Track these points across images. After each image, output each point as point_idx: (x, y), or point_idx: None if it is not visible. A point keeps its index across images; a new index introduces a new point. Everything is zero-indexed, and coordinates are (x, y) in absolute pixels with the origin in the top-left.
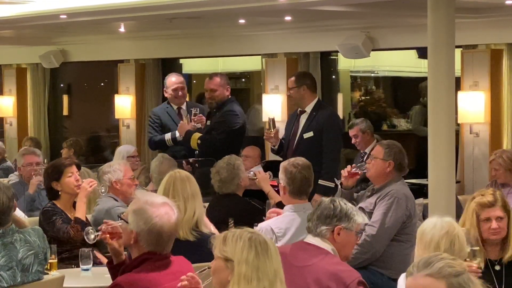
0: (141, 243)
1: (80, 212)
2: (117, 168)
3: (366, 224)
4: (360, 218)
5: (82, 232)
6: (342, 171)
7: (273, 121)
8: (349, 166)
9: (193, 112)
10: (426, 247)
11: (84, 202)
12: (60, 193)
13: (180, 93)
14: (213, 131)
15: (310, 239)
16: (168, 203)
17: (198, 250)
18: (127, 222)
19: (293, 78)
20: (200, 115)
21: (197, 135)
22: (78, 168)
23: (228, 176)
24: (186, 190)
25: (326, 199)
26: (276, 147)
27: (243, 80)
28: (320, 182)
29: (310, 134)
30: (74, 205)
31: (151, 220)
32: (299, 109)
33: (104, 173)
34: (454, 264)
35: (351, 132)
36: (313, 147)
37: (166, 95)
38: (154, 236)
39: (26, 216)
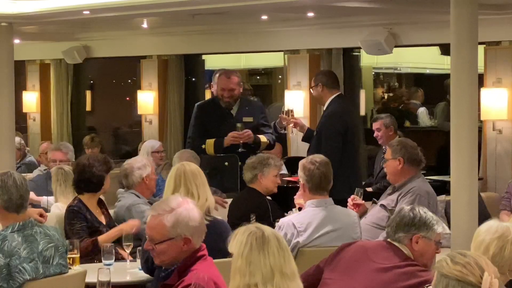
0: (191, 245)
1: (107, 238)
2: (146, 163)
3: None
4: (440, 228)
5: (90, 253)
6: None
7: (290, 112)
8: (349, 200)
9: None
10: (476, 248)
11: (116, 236)
12: (102, 187)
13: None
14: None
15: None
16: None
17: (211, 232)
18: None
19: (313, 78)
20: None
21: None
22: None
23: (260, 162)
24: (197, 179)
25: (406, 207)
26: (304, 133)
27: (265, 76)
28: None
29: (315, 133)
30: (98, 203)
31: (191, 216)
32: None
33: (134, 170)
34: (450, 266)
35: (375, 125)
36: (316, 145)
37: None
38: (198, 229)
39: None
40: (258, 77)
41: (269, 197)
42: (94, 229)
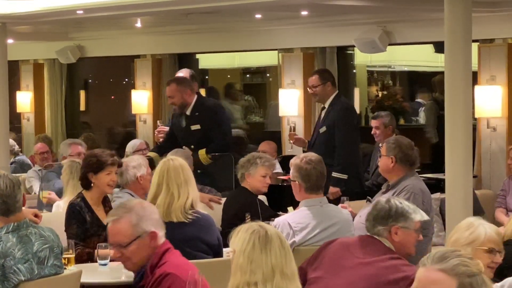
0: (157, 239)
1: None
2: (142, 163)
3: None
4: (418, 216)
5: (84, 257)
6: None
7: (293, 128)
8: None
9: None
10: (449, 244)
11: None
12: (92, 185)
13: None
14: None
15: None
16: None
17: (194, 224)
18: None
19: (316, 76)
20: None
21: (203, 151)
22: (119, 166)
23: (248, 160)
24: (179, 177)
25: (382, 199)
26: (306, 148)
27: (259, 75)
28: (333, 174)
29: (324, 128)
30: (103, 200)
31: (151, 209)
32: (322, 105)
33: (128, 168)
34: (470, 264)
35: (374, 123)
36: (326, 141)
37: None
38: (159, 221)
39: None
40: (252, 76)
41: (263, 195)
42: (92, 233)
